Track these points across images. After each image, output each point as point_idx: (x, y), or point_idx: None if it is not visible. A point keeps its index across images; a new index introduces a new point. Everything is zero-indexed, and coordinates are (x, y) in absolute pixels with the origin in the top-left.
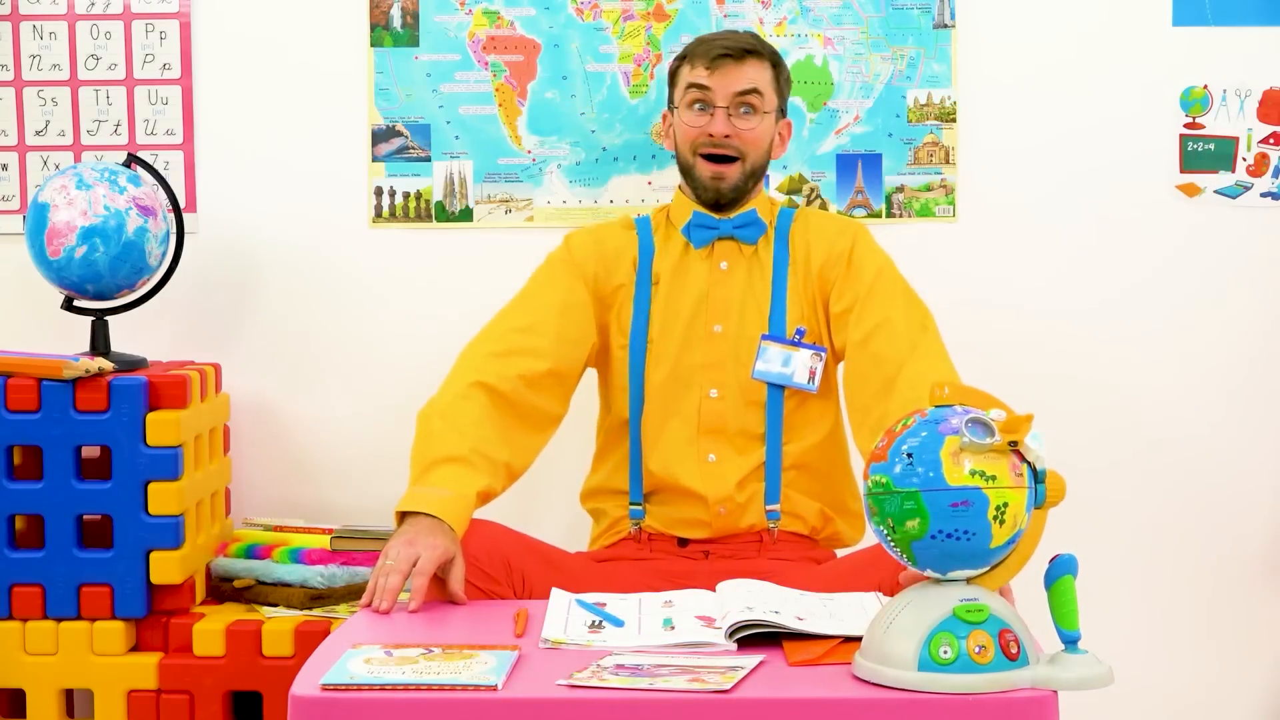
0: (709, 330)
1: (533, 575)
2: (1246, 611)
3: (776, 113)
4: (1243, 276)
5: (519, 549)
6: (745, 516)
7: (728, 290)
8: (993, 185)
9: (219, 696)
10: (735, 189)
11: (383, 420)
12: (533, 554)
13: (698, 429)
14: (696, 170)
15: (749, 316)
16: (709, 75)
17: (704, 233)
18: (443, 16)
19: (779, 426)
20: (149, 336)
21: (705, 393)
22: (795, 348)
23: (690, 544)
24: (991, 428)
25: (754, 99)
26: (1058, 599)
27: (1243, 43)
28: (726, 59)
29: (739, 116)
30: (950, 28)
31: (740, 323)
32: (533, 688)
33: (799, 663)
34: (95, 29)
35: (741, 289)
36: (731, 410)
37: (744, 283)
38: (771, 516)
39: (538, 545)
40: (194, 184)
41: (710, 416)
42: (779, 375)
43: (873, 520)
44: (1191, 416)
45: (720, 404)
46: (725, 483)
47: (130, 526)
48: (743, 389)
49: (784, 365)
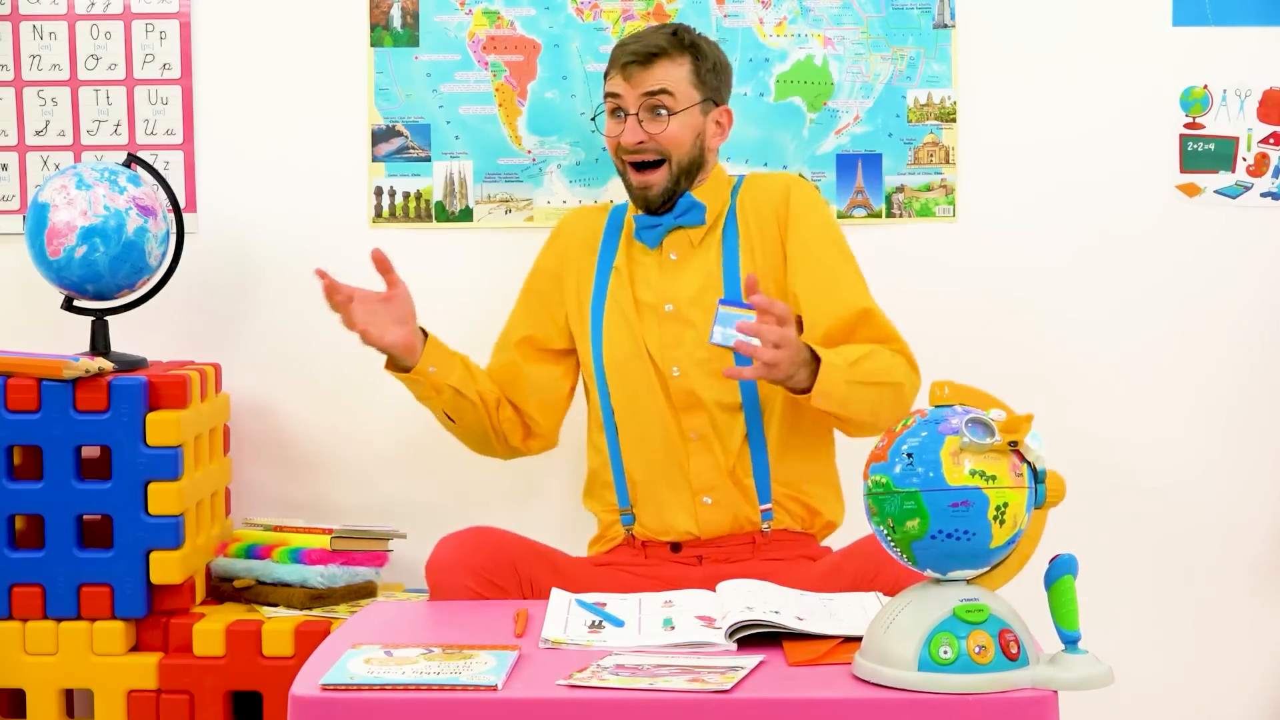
0: (660, 311)
1: (540, 580)
2: (1246, 611)
3: (704, 104)
4: (1243, 276)
5: (526, 555)
6: (739, 508)
7: (677, 275)
8: (993, 185)
9: (219, 696)
10: (665, 192)
11: (383, 420)
12: (539, 559)
13: (671, 409)
14: (626, 179)
15: (704, 293)
16: (621, 83)
17: (651, 232)
18: (443, 16)
19: (755, 396)
20: (149, 336)
21: (668, 372)
22: (752, 310)
23: (683, 548)
24: (991, 428)
25: (664, 99)
26: (1058, 599)
27: (1243, 43)
28: (633, 65)
29: (650, 120)
30: (950, 28)
31: (692, 300)
32: (533, 688)
33: (799, 663)
34: (95, 29)
35: (692, 270)
36: (700, 385)
37: (696, 265)
38: (765, 516)
39: (543, 550)
40: (194, 184)
41: (681, 395)
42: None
43: (873, 520)
44: (1191, 416)
45: (685, 380)
46: (712, 461)
47: (130, 526)
48: (703, 361)
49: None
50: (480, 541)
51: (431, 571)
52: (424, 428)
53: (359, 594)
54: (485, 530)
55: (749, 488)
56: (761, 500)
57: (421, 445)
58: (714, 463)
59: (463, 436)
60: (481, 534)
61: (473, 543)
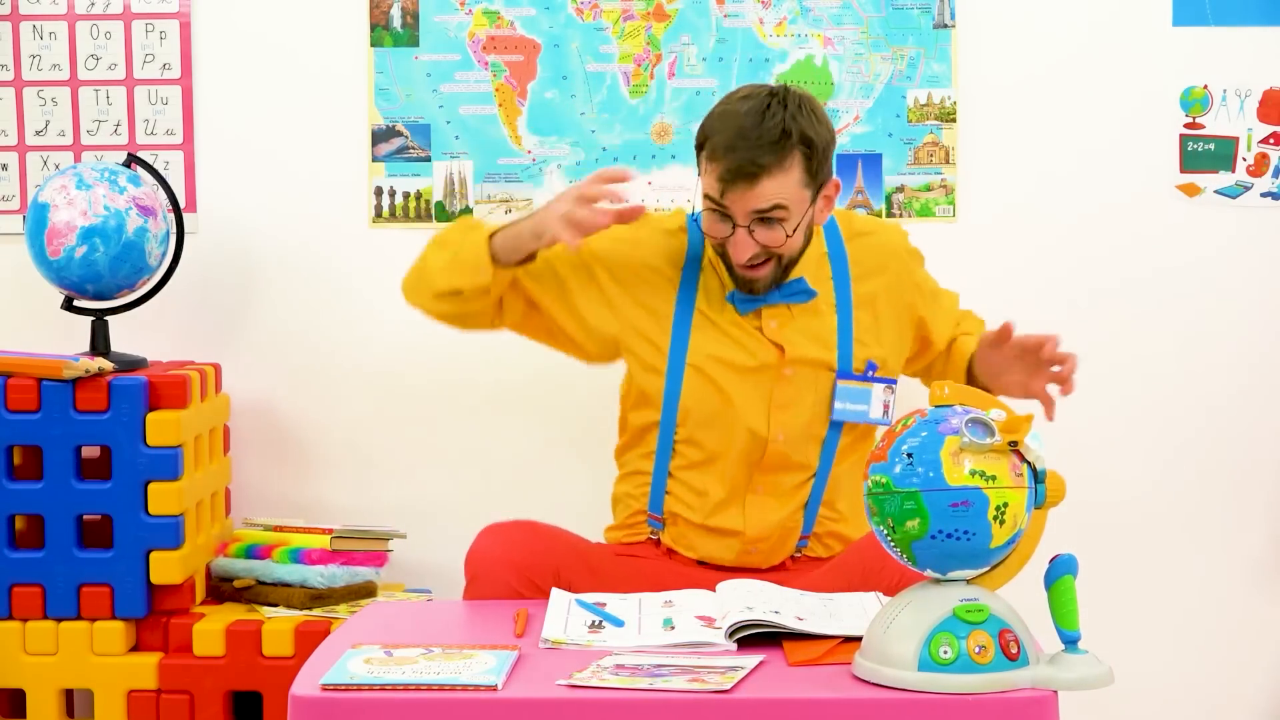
0: (780, 374)
1: (578, 583)
2: (1246, 612)
3: (814, 193)
4: (1243, 276)
5: (569, 556)
6: (777, 554)
7: (787, 333)
8: (993, 185)
9: (219, 696)
10: (773, 282)
11: (383, 420)
12: (579, 560)
13: (745, 465)
14: (728, 260)
15: (813, 355)
16: (722, 194)
17: (749, 304)
18: (443, 16)
19: (831, 459)
20: (149, 336)
21: (775, 435)
22: (869, 384)
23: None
24: (991, 428)
25: (777, 214)
26: (1058, 599)
27: (1243, 43)
28: (739, 181)
29: (762, 229)
30: (950, 28)
31: (807, 363)
32: (533, 688)
33: (799, 663)
34: (95, 29)
35: (799, 330)
36: (794, 451)
37: (801, 323)
38: (800, 545)
39: (580, 544)
40: (194, 184)
41: (775, 457)
42: (856, 414)
43: (873, 520)
44: (1191, 416)
45: (786, 446)
46: (766, 519)
47: (130, 526)
48: (806, 429)
49: (859, 403)
50: (527, 537)
51: (472, 563)
52: (424, 428)
53: (359, 594)
54: (531, 525)
55: (792, 534)
56: (800, 543)
57: (422, 445)
58: (771, 519)
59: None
60: (528, 528)
61: (519, 538)
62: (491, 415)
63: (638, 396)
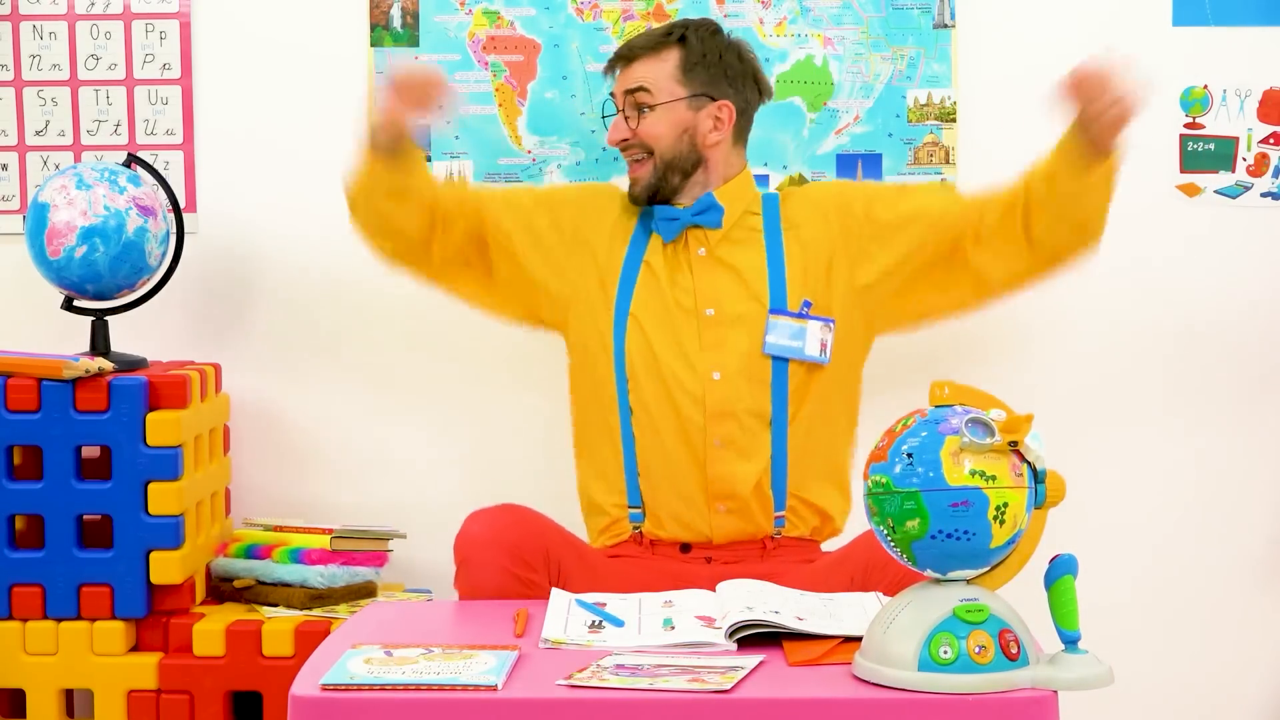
0: (701, 314)
1: (567, 568)
2: (1246, 612)
3: (693, 99)
4: (1243, 276)
5: (558, 541)
6: (755, 519)
7: (714, 275)
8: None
9: (219, 696)
10: (649, 187)
11: (383, 420)
12: (568, 547)
13: (704, 414)
14: None
15: (739, 295)
16: (614, 81)
17: (668, 225)
18: (443, 16)
19: (784, 403)
20: (149, 336)
21: (708, 374)
22: (804, 320)
23: (693, 548)
24: (991, 428)
25: (641, 96)
26: (1058, 599)
27: (1243, 43)
28: (619, 61)
29: (633, 116)
30: (950, 28)
31: (734, 301)
32: (532, 688)
33: (799, 663)
34: (95, 29)
35: (728, 271)
36: (737, 391)
37: (731, 265)
38: (778, 524)
39: (571, 539)
40: (194, 184)
41: (718, 400)
42: (789, 349)
43: (873, 520)
44: (1191, 415)
45: (725, 386)
46: (732, 471)
47: (130, 526)
48: (745, 368)
49: (793, 338)
50: (515, 520)
51: (461, 546)
52: (424, 428)
53: (359, 594)
54: (519, 509)
55: (767, 497)
56: (776, 508)
57: (422, 445)
58: (735, 472)
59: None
60: (516, 512)
61: (507, 521)
62: (492, 416)
63: (590, 369)
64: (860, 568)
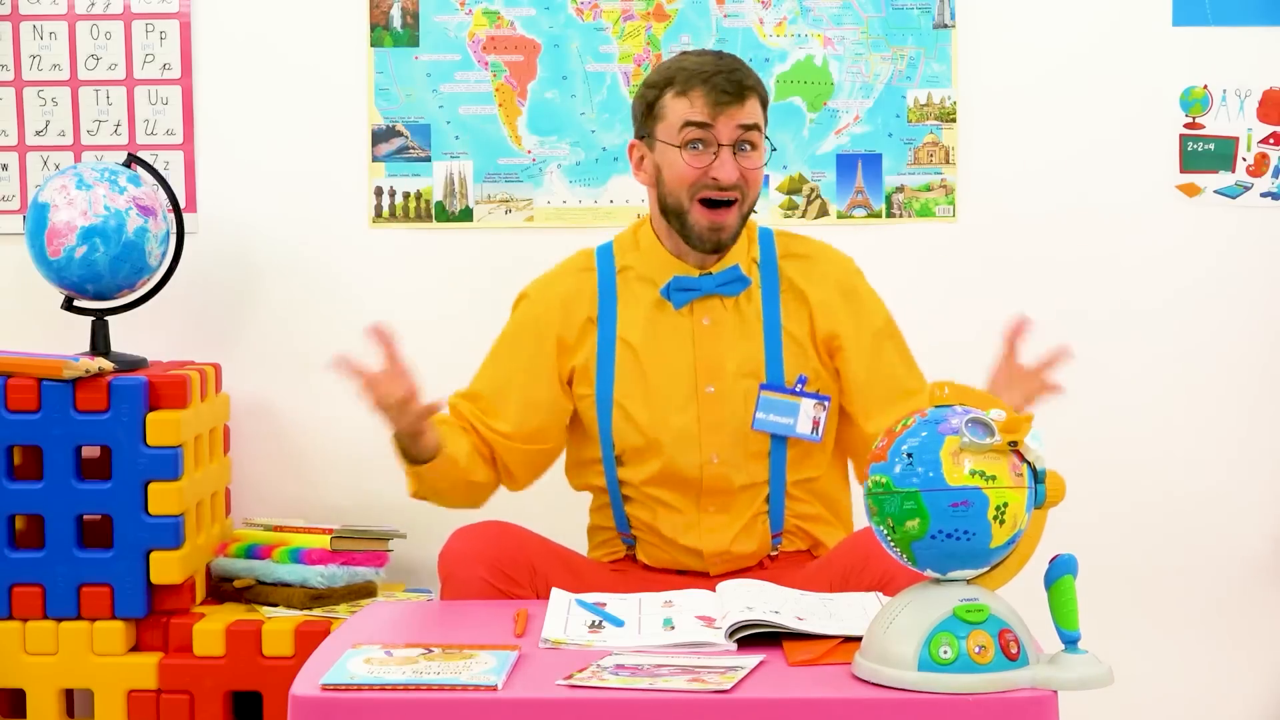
0: (702, 393)
1: (555, 581)
2: (1246, 612)
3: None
4: (1243, 276)
5: (543, 554)
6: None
7: (715, 347)
8: (993, 185)
9: (219, 696)
10: (735, 236)
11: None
12: (555, 559)
13: (700, 493)
14: (691, 218)
15: (742, 369)
16: (711, 113)
17: (684, 295)
18: (443, 16)
19: (782, 472)
20: (149, 336)
21: (707, 458)
22: (797, 397)
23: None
24: (991, 428)
25: (754, 136)
26: (1058, 599)
27: (1243, 43)
28: (728, 99)
29: (742, 155)
30: (950, 28)
31: (735, 378)
32: (533, 688)
33: (799, 663)
34: (95, 29)
35: (729, 343)
36: (734, 470)
37: (731, 336)
38: (775, 542)
39: (560, 550)
40: (194, 184)
41: (714, 480)
42: (780, 426)
43: (873, 520)
44: (1191, 415)
45: (723, 467)
46: (722, 536)
47: (130, 526)
48: (743, 445)
49: (785, 415)
50: (498, 535)
51: (445, 562)
52: None
53: (359, 594)
54: (502, 524)
55: (762, 533)
56: (773, 542)
57: None
58: (727, 536)
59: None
60: (499, 527)
61: (490, 535)
62: None
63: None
64: (839, 574)
